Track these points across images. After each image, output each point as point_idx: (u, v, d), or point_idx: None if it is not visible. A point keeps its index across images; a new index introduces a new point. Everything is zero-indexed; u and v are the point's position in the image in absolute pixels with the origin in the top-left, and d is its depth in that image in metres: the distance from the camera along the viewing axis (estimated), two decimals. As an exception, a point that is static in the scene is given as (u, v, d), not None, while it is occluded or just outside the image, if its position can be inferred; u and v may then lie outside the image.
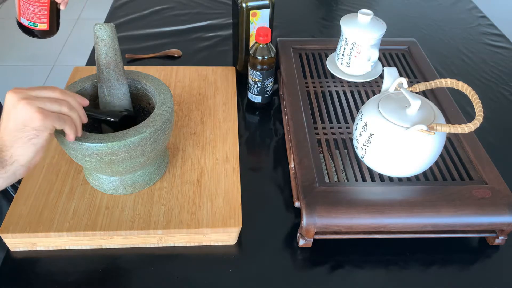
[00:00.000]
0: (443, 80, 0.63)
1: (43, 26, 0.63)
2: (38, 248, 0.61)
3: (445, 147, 0.70)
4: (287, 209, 0.68)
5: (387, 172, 0.63)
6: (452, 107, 0.76)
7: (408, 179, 0.65)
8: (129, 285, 0.58)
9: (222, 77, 0.88)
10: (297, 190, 0.64)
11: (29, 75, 2.18)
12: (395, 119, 0.59)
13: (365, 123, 0.62)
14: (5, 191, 0.82)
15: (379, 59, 0.88)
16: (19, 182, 0.70)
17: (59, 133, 0.55)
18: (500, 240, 0.63)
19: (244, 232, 0.64)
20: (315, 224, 0.59)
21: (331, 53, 0.89)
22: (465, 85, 0.60)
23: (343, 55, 0.82)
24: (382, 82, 0.67)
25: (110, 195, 0.64)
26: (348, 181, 0.65)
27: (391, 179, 0.65)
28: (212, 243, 0.63)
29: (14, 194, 0.64)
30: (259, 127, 0.84)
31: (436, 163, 0.67)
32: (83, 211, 0.62)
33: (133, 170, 0.61)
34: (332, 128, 0.73)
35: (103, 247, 0.62)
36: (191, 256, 0.62)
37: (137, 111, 0.68)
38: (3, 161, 0.49)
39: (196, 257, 0.62)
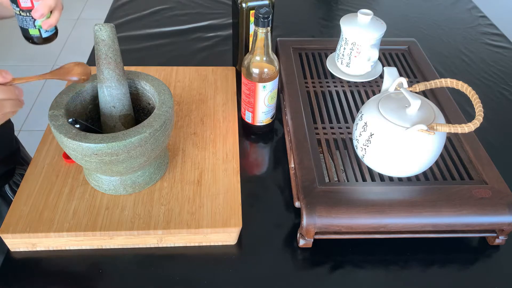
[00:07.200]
0: (443, 80, 0.63)
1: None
2: (38, 249, 0.61)
3: (445, 147, 0.70)
4: (287, 209, 0.68)
5: (387, 172, 0.63)
6: (452, 107, 0.76)
7: (408, 179, 0.65)
8: (129, 285, 0.58)
9: (222, 77, 0.88)
10: (297, 190, 0.64)
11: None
12: (395, 119, 0.59)
13: (365, 123, 0.62)
14: (3, 194, 0.82)
15: (379, 59, 0.88)
16: (18, 184, 0.70)
17: (59, 134, 0.55)
18: (500, 240, 0.63)
19: (244, 232, 0.64)
20: (315, 224, 0.59)
21: (331, 53, 0.89)
22: (465, 85, 0.60)
23: (343, 55, 0.82)
24: (382, 82, 0.67)
25: (110, 195, 0.64)
26: (348, 181, 0.65)
27: (391, 179, 0.65)
28: (212, 243, 0.63)
29: (13, 197, 0.63)
30: (259, 127, 0.84)
31: (436, 163, 0.67)
32: (83, 211, 0.62)
33: (133, 171, 0.61)
34: (332, 128, 0.73)
35: (103, 247, 0.62)
36: (191, 256, 0.62)
37: (137, 111, 0.68)
38: None
39: (196, 257, 0.62)
